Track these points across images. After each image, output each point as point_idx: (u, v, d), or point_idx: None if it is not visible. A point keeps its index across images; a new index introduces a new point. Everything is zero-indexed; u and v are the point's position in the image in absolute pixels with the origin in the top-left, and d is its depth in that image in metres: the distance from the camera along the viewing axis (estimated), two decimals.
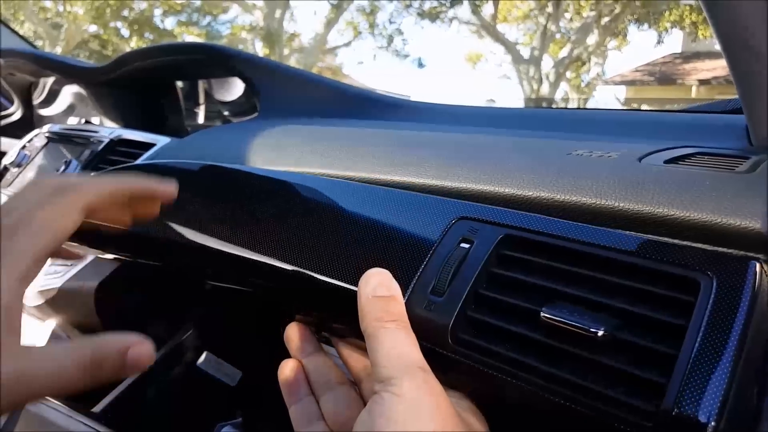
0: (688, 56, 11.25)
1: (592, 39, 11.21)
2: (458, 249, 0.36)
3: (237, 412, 0.73)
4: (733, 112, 0.66)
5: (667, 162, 0.41)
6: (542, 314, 0.31)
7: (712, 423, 0.25)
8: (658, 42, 11.70)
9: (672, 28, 11.17)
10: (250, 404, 0.73)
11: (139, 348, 0.29)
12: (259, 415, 0.71)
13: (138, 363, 0.28)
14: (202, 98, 1.26)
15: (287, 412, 0.41)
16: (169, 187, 0.35)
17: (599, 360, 0.29)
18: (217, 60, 0.93)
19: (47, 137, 1.03)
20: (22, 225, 0.28)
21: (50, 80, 1.34)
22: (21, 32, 1.60)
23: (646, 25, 11.34)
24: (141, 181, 0.34)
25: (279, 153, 0.60)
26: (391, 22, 13.21)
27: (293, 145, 0.63)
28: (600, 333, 0.29)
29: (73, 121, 1.28)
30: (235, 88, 1.15)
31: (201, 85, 1.24)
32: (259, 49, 12.44)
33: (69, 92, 1.30)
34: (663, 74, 10.81)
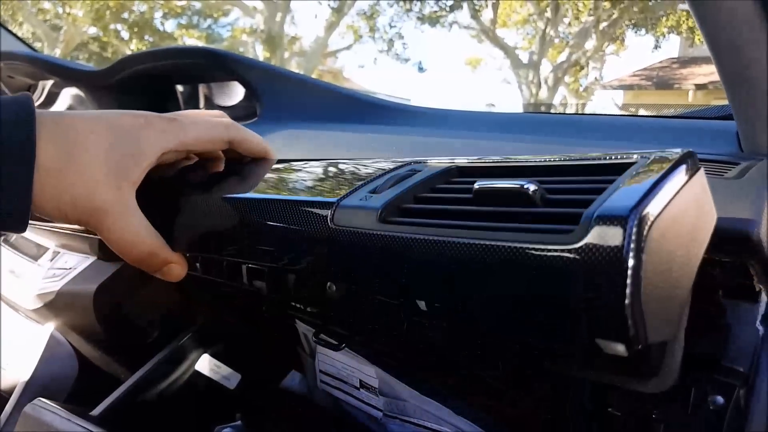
0: (685, 61, 11.29)
1: (590, 44, 11.26)
2: (408, 170, 0.38)
3: (236, 415, 0.74)
4: (726, 118, 0.67)
5: None
6: (476, 186, 0.30)
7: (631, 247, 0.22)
8: (656, 47, 11.76)
9: (669, 33, 11.23)
10: (249, 407, 0.74)
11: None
12: (259, 418, 0.71)
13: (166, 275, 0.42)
14: (202, 102, 1.27)
15: (286, 415, 0.41)
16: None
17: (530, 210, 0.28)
18: (217, 64, 0.94)
19: None
20: (188, 121, 0.40)
21: (49, 83, 1.34)
22: (20, 34, 1.61)
23: (643, 30, 11.39)
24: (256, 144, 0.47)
25: (279, 156, 0.61)
26: (391, 26, 13.28)
27: (292, 149, 0.63)
28: (532, 188, 0.28)
29: None
30: (235, 93, 1.15)
31: (201, 89, 1.24)
32: (260, 52, 12.47)
33: (68, 95, 1.31)
34: (660, 79, 10.85)
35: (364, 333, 0.63)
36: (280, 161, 0.49)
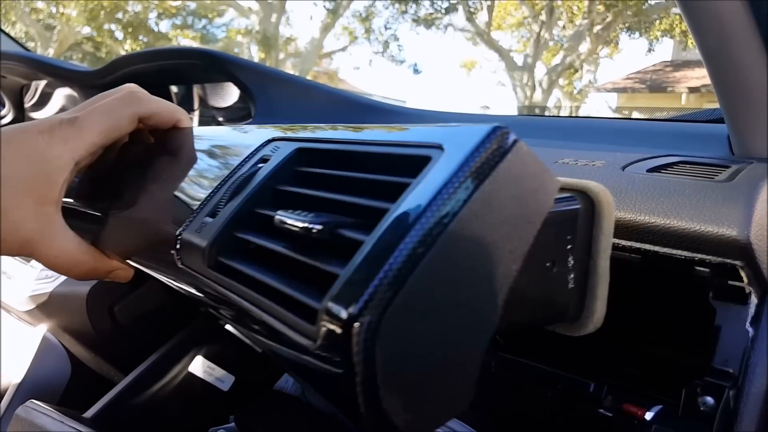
0: (678, 64, 11.37)
1: (584, 47, 11.32)
2: (251, 168, 0.32)
3: (230, 417, 0.73)
4: (717, 121, 0.67)
5: (649, 171, 0.43)
6: (276, 218, 0.26)
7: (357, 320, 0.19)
8: (649, 50, 11.84)
9: (663, 36, 11.30)
10: (242, 409, 0.73)
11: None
12: (252, 420, 0.71)
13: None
14: (196, 103, 1.26)
15: (280, 416, 0.41)
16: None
17: (305, 260, 0.24)
18: (213, 65, 0.94)
19: None
20: (87, 117, 0.36)
21: (42, 83, 1.34)
22: (12, 33, 1.60)
23: (637, 34, 11.46)
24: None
25: None
26: (386, 28, 13.28)
27: None
28: (315, 229, 0.23)
29: None
30: (230, 94, 1.15)
31: (195, 90, 1.24)
32: (255, 53, 12.45)
33: (61, 95, 1.30)
34: (653, 82, 10.92)
35: None
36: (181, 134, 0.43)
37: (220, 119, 1.22)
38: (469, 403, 0.22)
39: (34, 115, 1.40)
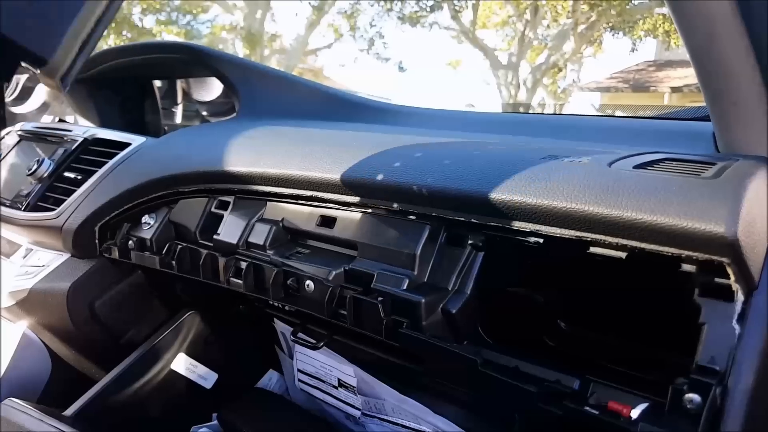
0: (661, 64, 11.49)
1: (568, 46, 11.39)
2: None
3: (212, 414, 0.73)
4: (702, 119, 0.68)
5: (636, 167, 0.43)
6: None
7: None
8: (632, 50, 11.94)
9: (646, 36, 11.41)
10: (225, 407, 0.72)
11: None
12: (236, 417, 0.70)
13: None
14: (179, 98, 1.25)
15: (263, 414, 0.41)
16: None
17: None
18: (197, 60, 0.92)
19: (19, 135, 1.01)
20: None
21: (24, 77, 1.31)
22: None
23: (620, 33, 11.56)
24: None
25: (260, 154, 0.60)
26: (372, 26, 13.22)
27: (273, 146, 0.63)
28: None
29: (47, 119, 1.25)
30: (213, 88, 1.14)
31: (179, 84, 1.22)
32: (240, 50, 12.33)
33: (43, 90, 1.27)
34: (637, 81, 11.02)
35: (344, 332, 0.62)
36: None
37: (204, 113, 1.21)
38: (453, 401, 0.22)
39: (15, 109, 1.37)
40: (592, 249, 0.40)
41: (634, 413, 0.39)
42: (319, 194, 0.55)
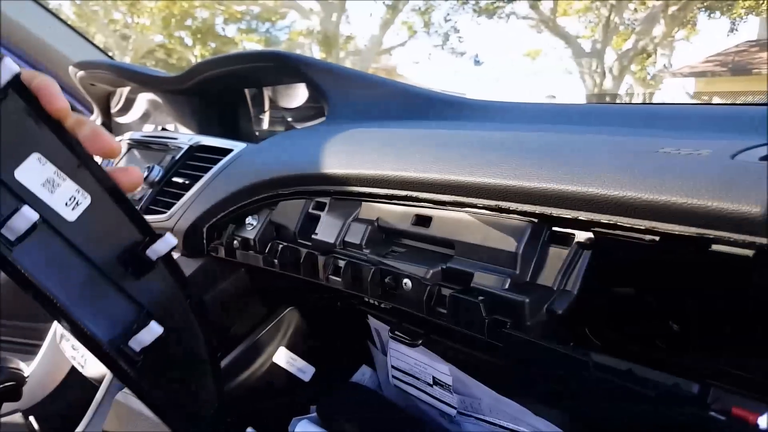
0: (765, 44, 10.53)
1: (658, 30, 10.69)
2: None
3: (310, 407, 0.75)
4: None
5: (762, 159, 0.40)
6: None
7: None
8: (732, 30, 11.00)
9: (747, 14, 10.50)
10: (323, 399, 0.75)
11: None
12: (333, 410, 0.72)
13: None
14: (267, 104, 1.30)
15: (358, 408, 0.42)
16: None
17: None
18: (287, 67, 0.96)
19: (129, 144, 1.09)
20: None
21: (126, 89, 1.42)
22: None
23: (717, 13, 10.70)
24: None
25: (353, 156, 0.62)
26: (446, 20, 13.11)
27: (367, 148, 0.64)
28: None
29: (148, 128, 1.35)
30: (299, 94, 1.18)
31: (266, 92, 1.28)
32: (316, 53, 12.66)
33: (144, 100, 1.37)
34: (737, 64, 10.15)
35: (439, 331, 0.63)
36: None
37: (290, 119, 1.25)
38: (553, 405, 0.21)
39: (119, 120, 1.49)
40: (714, 247, 0.38)
41: (762, 420, 0.36)
42: (414, 194, 0.55)
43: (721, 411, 0.38)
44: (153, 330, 0.34)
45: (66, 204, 0.31)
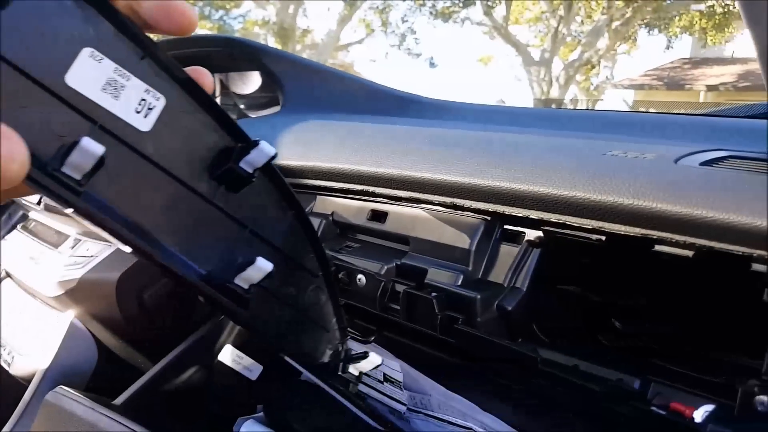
0: (696, 62, 11.18)
1: (602, 42, 11.17)
2: None
3: (257, 406, 0.74)
4: (756, 116, 0.66)
5: (702, 164, 0.42)
6: None
7: None
8: (668, 47, 11.64)
9: (682, 33, 11.12)
10: (270, 398, 0.73)
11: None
12: (281, 409, 0.71)
13: None
14: (218, 90, 1.26)
15: (308, 406, 0.41)
16: None
17: None
18: (244, 53, 0.93)
19: None
20: None
21: None
22: None
23: (656, 30, 11.29)
24: None
25: (309, 148, 0.61)
26: (403, 21, 13.21)
27: (324, 140, 0.63)
28: None
29: None
30: (252, 82, 1.15)
31: (217, 77, 1.24)
32: (272, 45, 12.46)
33: None
34: (671, 79, 10.75)
35: (390, 328, 0.62)
36: None
37: (242, 107, 1.22)
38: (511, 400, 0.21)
39: None
40: (657, 247, 0.39)
41: (698, 414, 0.38)
42: (371, 188, 0.55)
43: (661, 405, 0.40)
44: (262, 267, 0.27)
45: (137, 111, 0.24)
